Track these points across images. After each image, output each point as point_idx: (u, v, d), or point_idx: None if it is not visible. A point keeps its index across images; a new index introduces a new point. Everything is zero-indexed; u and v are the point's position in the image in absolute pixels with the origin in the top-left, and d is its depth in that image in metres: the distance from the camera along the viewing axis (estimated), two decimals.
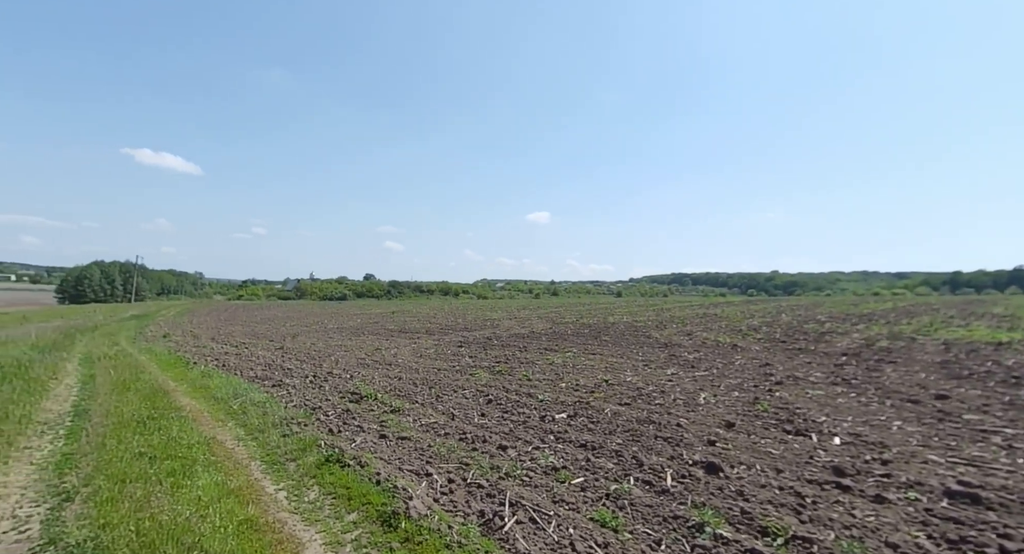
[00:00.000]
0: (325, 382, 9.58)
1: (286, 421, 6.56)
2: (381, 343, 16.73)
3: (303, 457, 5.14)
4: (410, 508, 3.72)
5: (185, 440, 5.62)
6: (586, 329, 20.23)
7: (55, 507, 3.84)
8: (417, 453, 5.26)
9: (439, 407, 7.34)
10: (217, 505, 3.81)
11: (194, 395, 8.57)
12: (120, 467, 4.58)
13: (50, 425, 6.47)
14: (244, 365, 12.17)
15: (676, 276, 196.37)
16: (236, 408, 7.48)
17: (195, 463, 4.78)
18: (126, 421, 6.39)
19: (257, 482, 4.50)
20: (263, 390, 8.87)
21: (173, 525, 3.37)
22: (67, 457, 5.08)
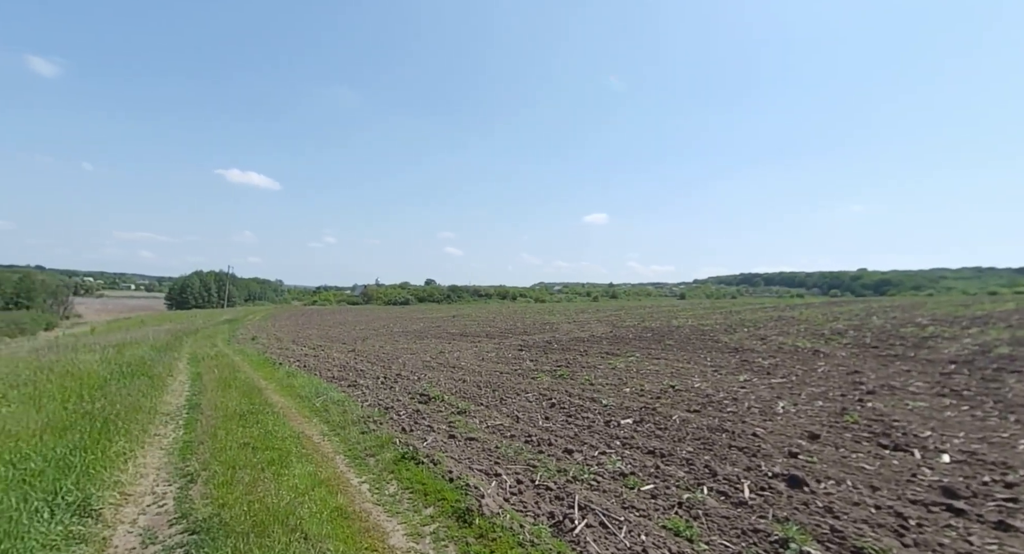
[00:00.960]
0: (395, 383, 10.13)
1: (363, 419, 7.04)
2: (444, 346, 17.34)
3: (381, 453, 5.51)
4: (483, 506, 3.88)
5: (279, 433, 6.22)
6: (649, 333, 19.64)
7: (183, 487, 4.43)
8: (485, 454, 5.44)
9: (503, 410, 7.51)
10: (311, 493, 4.21)
11: (282, 393, 9.42)
12: (230, 455, 5.18)
13: (171, 416, 7.43)
14: (322, 366, 13.15)
15: (746, 276, 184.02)
16: (319, 406, 8.13)
17: (289, 454, 5.29)
18: (230, 415, 7.19)
19: (343, 474, 4.89)
20: (340, 390, 9.56)
21: (277, 508, 3.78)
22: (187, 444, 5.82)
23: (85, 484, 4.05)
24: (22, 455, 4.42)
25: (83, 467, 4.39)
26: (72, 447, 4.88)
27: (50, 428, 5.53)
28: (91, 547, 3.27)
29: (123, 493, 4.24)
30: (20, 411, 6.23)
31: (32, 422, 5.69)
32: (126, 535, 3.53)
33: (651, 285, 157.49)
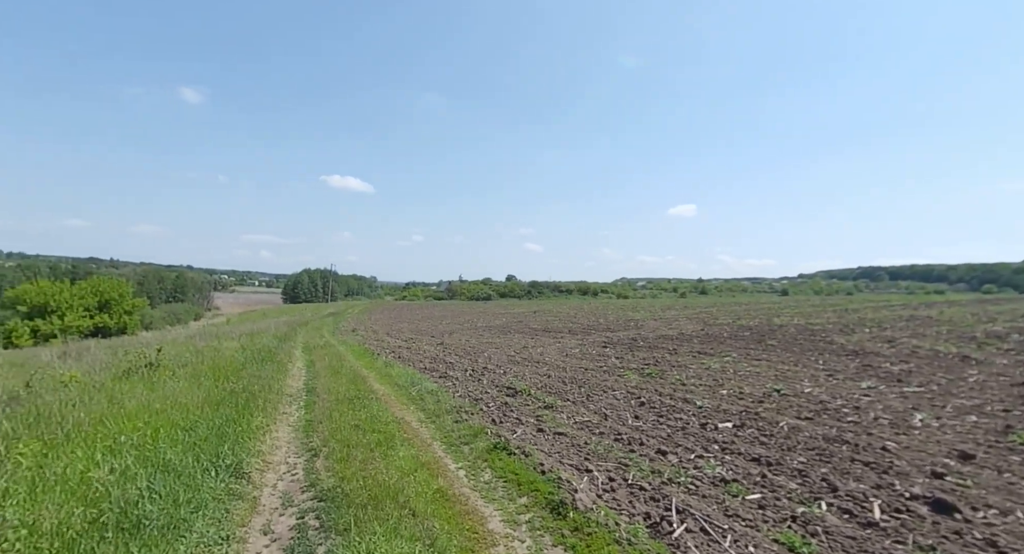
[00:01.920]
0: (482, 376, 10.52)
1: (455, 409, 7.42)
2: (527, 342, 17.61)
3: (474, 442, 5.78)
4: (576, 500, 3.91)
5: (383, 418, 6.81)
6: (746, 331, 18.16)
7: (309, 459, 5.06)
8: (574, 449, 5.46)
9: (590, 406, 7.46)
10: (415, 475, 4.56)
11: (382, 381, 10.26)
12: (344, 434, 5.79)
13: (294, 397, 8.48)
14: (414, 357, 14.08)
15: (866, 270, 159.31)
16: (414, 395, 8.73)
17: (393, 438, 5.77)
18: (341, 399, 8.01)
19: (441, 460, 5.22)
20: (432, 380, 10.16)
21: (388, 485, 4.16)
22: (309, 423, 6.61)
23: (237, 451, 4.79)
24: (192, 422, 5.35)
25: (234, 436, 5.20)
26: (225, 419, 5.79)
27: (208, 402, 6.60)
28: (246, 503, 3.87)
29: (264, 461, 4.95)
30: (186, 387, 7.52)
31: (195, 396, 6.85)
32: (270, 496, 4.13)
33: (747, 280, 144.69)
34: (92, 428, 4.78)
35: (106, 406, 5.85)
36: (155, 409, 5.86)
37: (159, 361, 9.64)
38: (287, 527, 3.59)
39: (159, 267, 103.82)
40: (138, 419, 5.22)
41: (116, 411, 5.65)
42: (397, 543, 3.21)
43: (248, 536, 3.40)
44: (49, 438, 4.17)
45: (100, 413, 5.44)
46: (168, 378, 8.30)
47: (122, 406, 5.93)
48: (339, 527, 3.49)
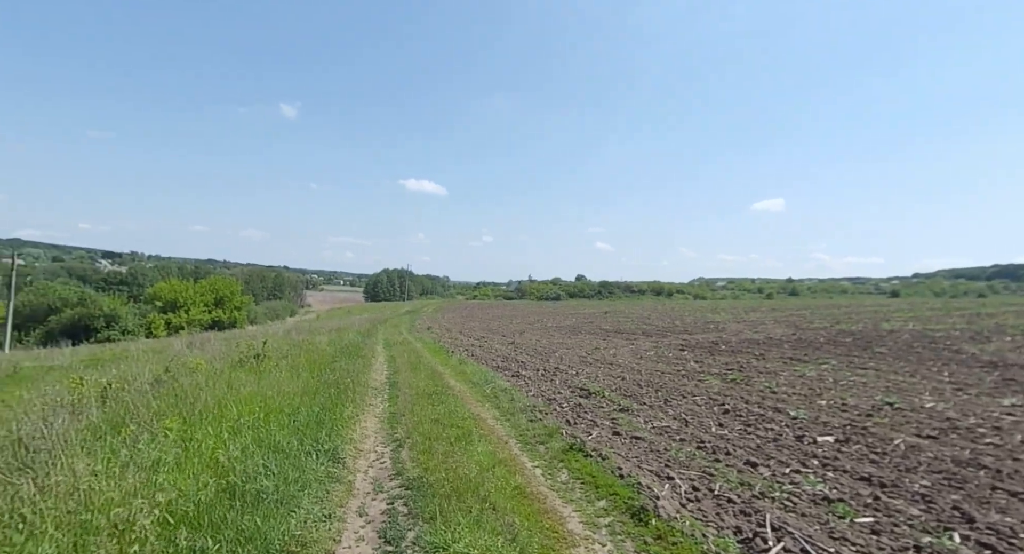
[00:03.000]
0: (554, 376, 10.51)
1: (529, 408, 7.49)
2: (599, 343, 17.29)
3: (549, 442, 5.80)
4: (658, 507, 3.77)
5: (460, 413, 7.05)
6: (847, 337, 16.33)
7: (395, 449, 5.39)
8: (654, 455, 5.27)
9: (668, 411, 7.14)
10: (493, 470, 4.67)
11: (457, 378, 10.63)
12: (426, 428, 6.09)
13: (378, 390, 9.08)
14: (486, 356, 14.42)
15: (1003, 269, 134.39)
16: (488, 392, 8.94)
17: (471, 433, 5.96)
18: (421, 393, 8.43)
19: (517, 457, 5.30)
20: (505, 379, 10.34)
21: (468, 479, 4.31)
22: (392, 415, 7.05)
23: (333, 437, 5.24)
24: (294, 409, 5.94)
25: (330, 424, 5.69)
26: (321, 408, 6.36)
27: (306, 392, 7.29)
28: (343, 486, 4.23)
29: (356, 448, 5.36)
30: (287, 377, 8.37)
31: (295, 386, 7.60)
32: (363, 481, 4.46)
33: (847, 280, 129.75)
34: (217, 410, 5.49)
35: (226, 391, 6.68)
36: (264, 396, 6.59)
37: (265, 353, 10.80)
38: (379, 511, 3.85)
39: (261, 267, 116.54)
40: (252, 404, 5.90)
41: (234, 396, 6.42)
42: (480, 535, 3.31)
43: (346, 516, 3.70)
44: (187, 416, 4.86)
45: (222, 397, 6.22)
46: (272, 368, 9.27)
47: (238, 392, 6.73)
48: (425, 515, 3.68)
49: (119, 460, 3.45)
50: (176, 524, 2.80)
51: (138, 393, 6.15)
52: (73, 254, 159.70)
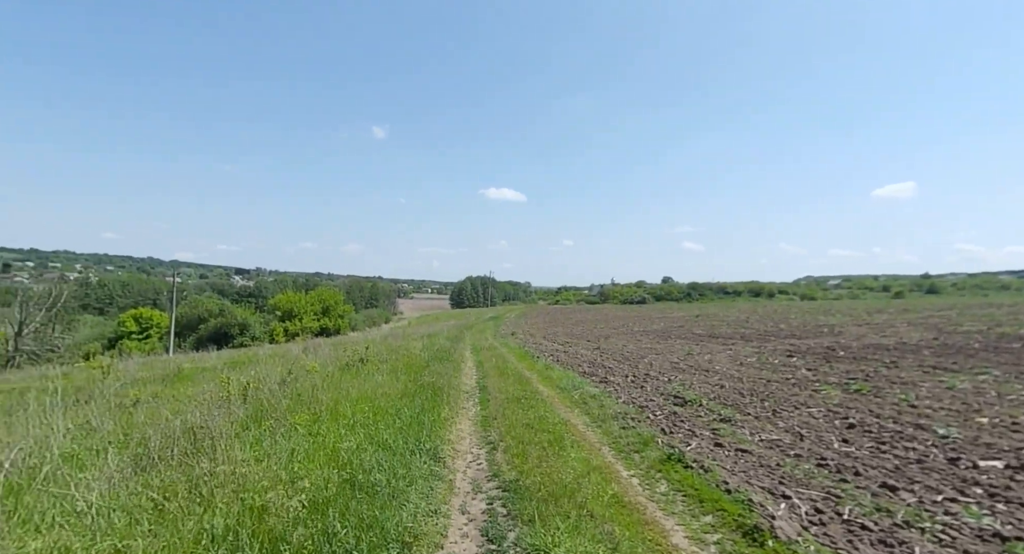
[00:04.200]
0: (645, 383, 10.10)
1: (621, 415, 7.28)
2: (691, 347, 16.29)
3: (644, 451, 5.58)
4: (775, 528, 3.45)
5: (550, 419, 7.07)
6: (1015, 342, 13.58)
7: (489, 452, 5.57)
8: (764, 470, 4.83)
9: (778, 423, 6.50)
10: (587, 477, 4.61)
11: (544, 383, 10.67)
12: (517, 432, 6.21)
13: (469, 394, 9.44)
14: (572, 361, 14.28)
15: None
16: (577, 398, 8.85)
17: (563, 439, 5.95)
18: (510, 398, 8.61)
19: (611, 465, 5.18)
20: (593, 385, 10.16)
21: (563, 484, 4.31)
22: (485, 418, 7.28)
23: (433, 438, 5.57)
24: (397, 410, 6.41)
25: (429, 425, 6.04)
26: (419, 409, 6.78)
27: (405, 394, 7.82)
28: (444, 484, 4.47)
29: (454, 449, 5.63)
30: (388, 380, 9.05)
31: (395, 388, 8.19)
32: (462, 481, 4.67)
33: (1007, 274, 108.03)
34: (333, 409, 6.12)
35: (338, 392, 7.41)
36: (370, 397, 7.20)
37: (367, 357, 11.80)
38: (479, 510, 4.00)
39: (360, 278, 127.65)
40: (361, 404, 6.48)
41: (344, 396, 7.10)
42: (580, 541, 3.29)
43: (450, 513, 3.90)
44: (310, 413, 5.48)
45: (336, 397, 6.92)
46: (375, 372, 10.09)
47: (348, 393, 7.43)
48: (524, 517, 3.75)
49: (263, 449, 4.00)
50: (311, 508, 3.17)
51: (270, 392, 7.07)
52: (214, 271, 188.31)
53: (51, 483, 3.05)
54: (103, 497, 2.90)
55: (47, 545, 2.28)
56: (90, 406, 7.99)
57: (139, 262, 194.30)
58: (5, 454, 3.23)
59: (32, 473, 3.25)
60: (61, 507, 2.80)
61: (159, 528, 2.79)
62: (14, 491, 2.90)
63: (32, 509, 2.74)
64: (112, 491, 3.06)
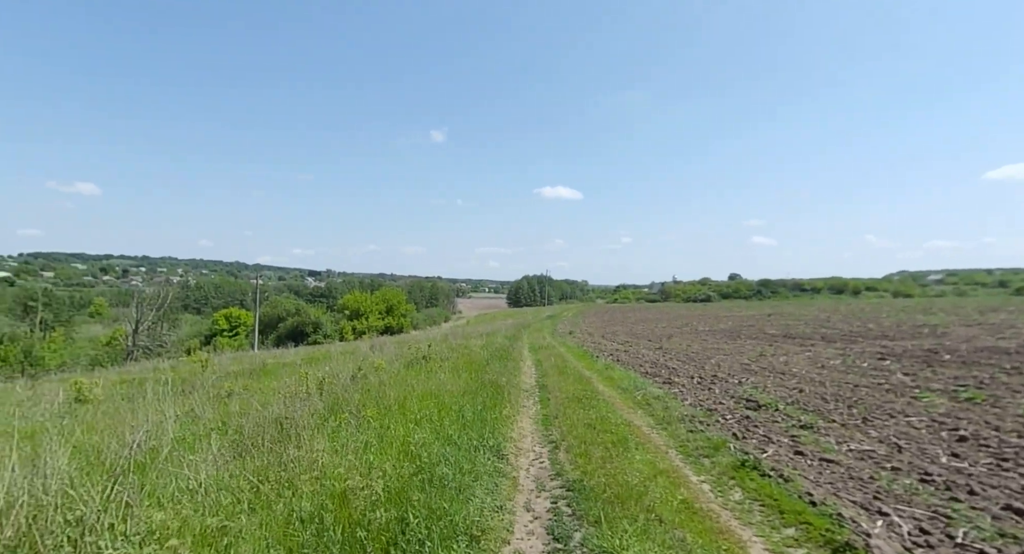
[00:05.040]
0: (713, 385, 9.60)
1: (687, 418, 6.97)
2: (764, 348, 15.24)
3: (715, 456, 5.30)
4: (872, 547, 3.14)
5: (612, 419, 6.92)
6: None
7: (551, 450, 5.56)
8: (855, 483, 4.40)
9: (870, 432, 5.90)
10: (654, 481, 4.46)
11: (604, 383, 10.46)
12: (579, 432, 6.15)
13: (529, 392, 9.47)
14: (633, 361, 13.88)
15: None
16: (639, 399, 8.59)
17: (626, 440, 5.80)
18: (570, 397, 8.53)
19: (679, 469, 4.97)
20: (656, 386, 9.81)
21: (629, 487, 4.20)
22: (545, 417, 7.27)
23: (495, 435, 5.65)
24: (460, 407, 6.58)
25: (491, 422, 6.14)
26: (481, 407, 6.90)
27: (466, 391, 8.00)
28: (508, 481, 4.52)
29: (516, 447, 5.68)
30: (450, 377, 9.32)
31: (457, 385, 8.41)
32: (525, 478, 4.70)
33: None
34: (400, 404, 6.41)
35: (404, 388, 7.74)
36: (434, 393, 7.44)
37: (429, 355, 12.22)
38: (544, 508, 4.00)
39: (420, 279, 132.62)
40: (426, 400, 6.73)
41: (410, 392, 7.40)
42: (649, 546, 3.19)
43: (515, 510, 3.94)
44: (380, 408, 5.78)
45: (402, 393, 7.23)
46: (437, 369, 10.42)
47: (413, 389, 7.74)
48: (589, 518, 3.70)
49: (340, 440, 4.28)
50: (385, 497, 3.35)
51: (343, 387, 7.54)
52: (290, 274, 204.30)
53: (168, 463, 3.48)
54: (209, 478, 3.26)
55: (168, 517, 2.60)
56: (193, 396, 8.98)
57: (228, 266, 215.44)
58: (133, 436, 3.73)
59: (153, 454, 3.74)
60: (176, 484, 3.19)
61: (255, 508, 3.09)
62: (140, 468, 3.34)
63: (155, 484, 3.14)
64: (216, 473, 3.42)
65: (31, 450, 3.22)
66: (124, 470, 2.78)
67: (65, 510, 2.41)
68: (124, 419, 6.28)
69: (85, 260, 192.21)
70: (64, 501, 2.48)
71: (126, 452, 3.34)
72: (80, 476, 2.90)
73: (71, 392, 10.78)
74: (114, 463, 3.11)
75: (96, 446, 4.52)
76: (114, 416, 7.59)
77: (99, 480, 2.84)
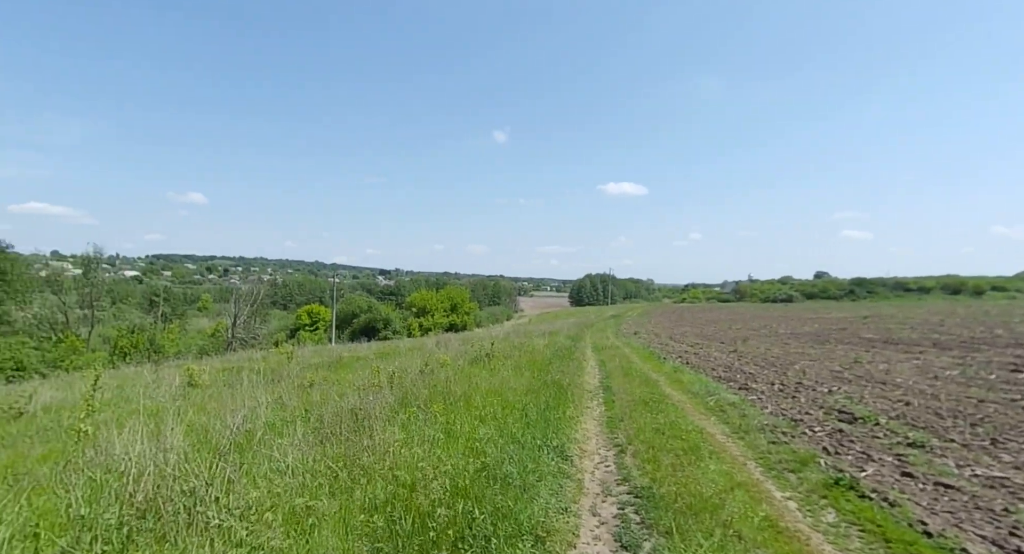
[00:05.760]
0: (797, 393, 8.80)
1: (768, 428, 6.44)
2: (859, 354, 13.71)
3: (802, 471, 4.84)
4: None
5: (682, 425, 6.57)
6: None
7: (617, 454, 5.39)
8: (982, 514, 3.79)
9: (1003, 456, 5.07)
10: (731, 494, 4.15)
11: (673, 386, 9.97)
12: (647, 436, 5.90)
13: (592, 393, 9.28)
14: (704, 364, 13.11)
15: None
16: (712, 405, 8.08)
17: (699, 448, 5.46)
18: (636, 400, 8.23)
19: (760, 483, 4.59)
20: (731, 391, 9.18)
21: (704, 498, 3.94)
22: (610, 419, 7.07)
23: (559, 435, 5.59)
24: (524, 405, 6.59)
25: (555, 422, 6.08)
26: (544, 406, 6.86)
27: (529, 390, 8.00)
28: (573, 483, 4.44)
29: (581, 448, 5.57)
30: (512, 375, 9.38)
31: (520, 384, 8.44)
32: (591, 482, 4.59)
33: None
34: (465, 400, 6.55)
35: (468, 384, 7.91)
36: (497, 390, 7.52)
37: (492, 352, 12.38)
38: (611, 514, 3.87)
39: (483, 277, 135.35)
40: (490, 397, 6.81)
41: (475, 389, 7.54)
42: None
43: (581, 513, 3.85)
44: (447, 403, 5.95)
45: (467, 389, 7.39)
46: (500, 367, 10.53)
47: (477, 386, 7.88)
48: (660, 527, 3.52)
49: (409, 432, 4.45)
50: (452, 491, 3.43)
51: (411, 381, 7.86)
52: (363, 272, 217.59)
53: (261, 445, 3.83)
54: (296, 461, 3.54)
55: (262, 495, 2.86)
56: (281, 385, 9.85)
57: (309, 265, 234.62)
58: (232, 419, 4.15)
59: (248, 436, 4.14)
60: (268, 465, 3.50)
61: (335, 492, 3.30)
62: (239, 448, 3.71)
63: (251, 464, 3.46)
64: (302, 457, 3.71)
65: (155, 427, 3.69)
66: (227, 449, 3.09)
67: (181, 481, 2.73)
68: (225, 403, 7.04)
69: (195, 261, 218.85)
70: (180, 473, 2.81)
71: (228, 433, 3.72)
72: (192, 452, 3.27)
73: (184, 377, 12.28)
74: (219, 443, 3.47)
75: (204, 426, 5.10)
76: (217, 400, 8.53)
77: (206, 457, 3.19)
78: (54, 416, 8.89)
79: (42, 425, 8.17)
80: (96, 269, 38.07)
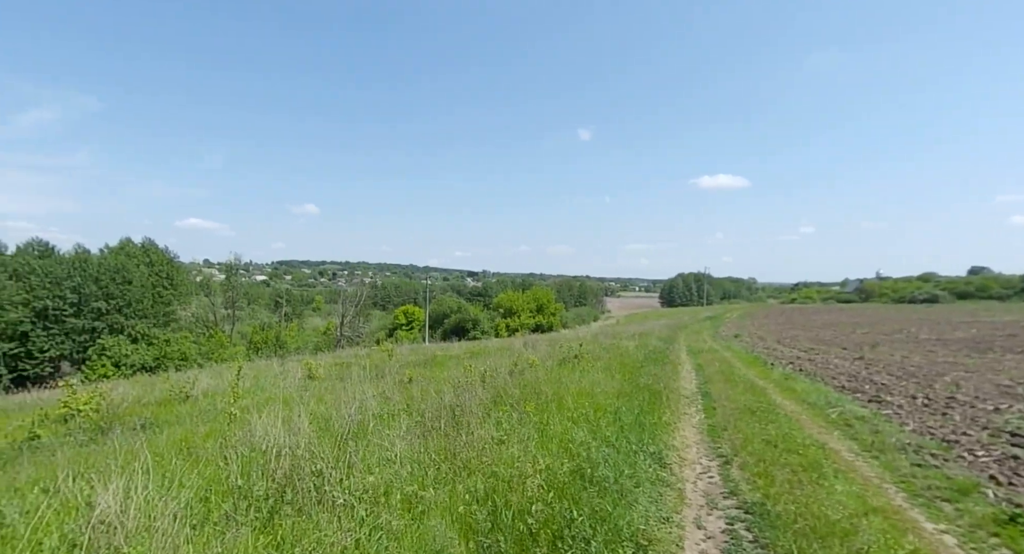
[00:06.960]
0: (948, 409, 7.46)
1: (911, 448, 5.55)
2: None
3: (961, 501, 4.08)
4: None
5: (797, 438, 5.90)
6: None
7: (722, 465, 5.00)
8: None
9: None
10: (865, 519, 3.63)
11: (784, 395, 9.01)
12: (755, 448, 5.40)
13: (690, 399, 8.72)
14: (822, 372, 11.67)
15: None
16: (835, 418, 7.16)
17: (820, 465, 4.87)
18: (741, 409, 7.58)
19: (903, 511, 3.95)
20: (858, 404, 8.09)
21: (830, 522, 3.50)
22: (711, 427, 6.59)
23: (655, 441, 5.34)
24: (616, 408, 6.41)
25: (650, 427, 5.82)
26: (638, 411, 6.60)
27: (620, 393, 7.75)
28: (673, 492, 4.21)
29: (680, 456, 5.27)
30: (603, 377, 9.16)
31: (611, 387, 8.21)
32: (692, 492, 4.32)
33: None
34: (556, 401, 6.54)
35: (558, 385, 7.88)
36: (588, 392, 7.40)
37: (581, 354, 12.22)
38: (718, 529, 3.61)
39: (568, 278, 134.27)
40: (581, 399, 6.73)
41: (565, 390, 7.49)
42: None
43: (684, 524, 3.64)
44: (539, 403, 6.00)
45: (557, 390, 7.37)
46: (589, 369, 10.35)
47: (567, 387, 7.82)
48: (778, 549, 3.20)
49: (503, 430, 4.57)
50: (548, 490, 3.44)
51: (503, 381, 8.05)
52: (453, 274, 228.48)
53: (373, 435, 4.20)
54: (403, 452, 3.83)
55: (376, 481, 3.14)
56: (384, 380, 10.70)
57: (404, 268, 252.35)
58: (347, 409, 4.62)
59: (361, 426, 4.57)
60: (379, 454, 3.82)
61: (439, 484, 3.50)
62: (354, 437, 4.11)
63: (365, 452, 3.82)
64: (408, 448, 4.00)
65: (286, 413, 4.24)
66: (346, 437, 3.43)
67: (311, 462, 3.11)
68: (339, 395, 7.83)
69: (310, 265, 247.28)
70: (309, 455, 3.19)
71: (345, 423, 4.14)
72: (317, 438, 3.69)
73: (305, 370, 13.91)
74: (339, 430, 3.87)
75: (323, 415, 5.72)
76: (332, 392, 9.52)
77: (328, 443, 3.58)
78: (210, 400, 10.60)
79: (203, 407, 9.78)
80: (235, 275, 44.77)
